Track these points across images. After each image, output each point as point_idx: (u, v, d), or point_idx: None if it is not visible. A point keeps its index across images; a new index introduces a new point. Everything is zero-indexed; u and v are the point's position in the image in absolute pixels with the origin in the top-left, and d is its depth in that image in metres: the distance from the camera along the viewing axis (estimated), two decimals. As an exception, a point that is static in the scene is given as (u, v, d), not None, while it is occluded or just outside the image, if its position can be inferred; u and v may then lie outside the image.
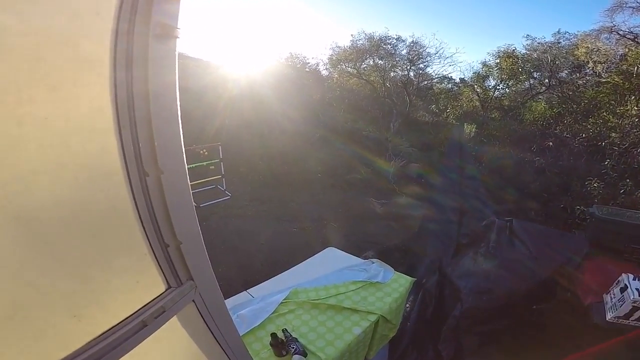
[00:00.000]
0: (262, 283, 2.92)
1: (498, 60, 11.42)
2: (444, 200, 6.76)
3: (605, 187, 6.70)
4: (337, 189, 7.95)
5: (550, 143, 8.33)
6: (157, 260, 0.73)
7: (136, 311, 0.71)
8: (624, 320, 3.30)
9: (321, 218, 6.51)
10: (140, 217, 0.67)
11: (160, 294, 0.75)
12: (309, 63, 15.04)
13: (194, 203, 0.80)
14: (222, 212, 6.56)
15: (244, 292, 2.80)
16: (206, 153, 7.35)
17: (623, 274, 3.41)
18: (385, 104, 12.99)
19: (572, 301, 4.09)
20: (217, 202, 6.90)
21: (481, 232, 5.16)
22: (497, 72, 11.62)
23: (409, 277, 3.26)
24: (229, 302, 2.66)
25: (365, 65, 13.80)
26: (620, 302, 3.25)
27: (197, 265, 0.84)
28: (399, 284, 3.11)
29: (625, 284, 3.26)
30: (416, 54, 12.43)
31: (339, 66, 14.20)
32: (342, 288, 2.89)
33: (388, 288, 3.02)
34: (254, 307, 2.52)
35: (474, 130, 10.56)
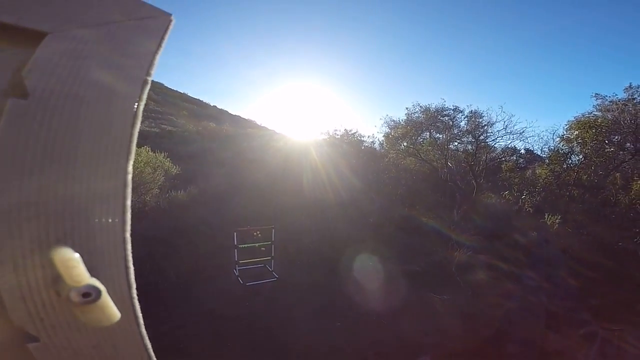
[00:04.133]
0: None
1: (577, 133, 10.18)
2: (521, 300, 5.58)
3: None
4: (392, 281, 7.18)
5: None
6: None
7: None
8: None
9: (371, 313, 5.77)
10: None
11: None
12: (364, 141, 15.11)
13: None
14: (266, 294, 6.28)
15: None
16: (259, 235, 7.50)
17: None
18: (446, 187, 12.23)
19: None
20: (264, 283, 6.71)
21: (577, 342, 4.01)
22: (578, 147, 10.27)
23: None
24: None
25: (421, 139, 13.23)
26: None
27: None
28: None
29: None
30: (478, 126, 11.71)
31: (395, 146, 13.77)
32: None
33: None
34: None
35: (557, 220, 9.04)
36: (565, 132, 10.79)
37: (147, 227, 7.61)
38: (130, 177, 0.45)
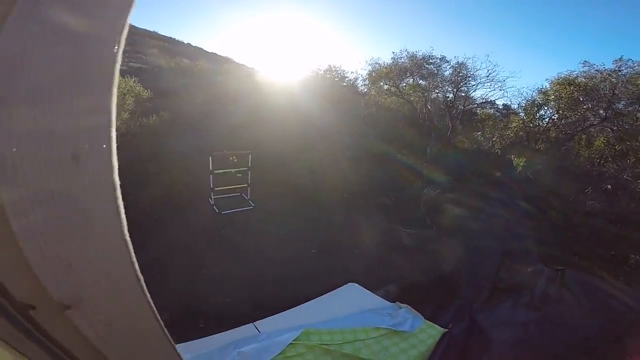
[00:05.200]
0: (272, 317, 2.60)
1: (556, 88, 10.53)
2: (481, 237, 6.16)
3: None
4: (364, 213, 7.52)
5: (609, 186, 7.45)
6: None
7: None
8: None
9: (343, 242, 6.12)
10: None
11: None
12: (347, 77, 14.87)
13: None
14: (242, 222, 6.37)
15: (251, 324, 2.49)
16: (235, 160, 7.28)
17: None
18: (423, 127, 12.48)
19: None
20: (239, 211, 6.75)
21: (525, 279, 4.56)
22: (554, 102, 10.69)
23: (440, 327, 2.82)
24: (233, 334, 2.36)
25: (404, 84, 13.41)
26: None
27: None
28: (427, 334, 2.68)
29: None
30: (462, 77, 11.82)
31: (378, 83, 13.86)
32: (361, 334, 2.50)
33: (415, 339, 2.60)
34: (258, 345, 2.20)
35: (522, 163, 9.69)
36: (543, 86, 11.23)
37: (118, 154, 7.03)
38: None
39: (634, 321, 3.95)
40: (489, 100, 12.62)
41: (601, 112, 10.04)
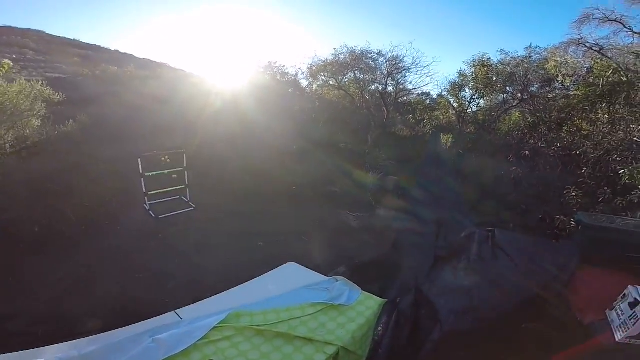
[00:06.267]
0: (199, 302, 2.41)
1: (473, 70, 11.49)
2: (422, 213, 6.46)
3: (583, 195, 6.54)
4: (312, 202, 7.53)
5: (527, 152, 8.24)
6: None
7: None
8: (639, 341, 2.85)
9: (292, 232, 6.04)
10: None
11: None
12: (287, 73, 14.84)
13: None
14: (182, 225, 5.99)
15: (172, 312, 2.27)
16: (169, 160, 6.81)
17: (630, 287, 2.95)
18: (363, 116, 12.88)
19: (567, 319, 3.67)
20: (179, 214, 6.33)
21: (461, 244, 4.79)
22: (472, 82, 11.67)
23: (378, 298, 2.83)
24: (149, 324, 2.13)
25: (346, 79, 13.85)
26: (633, 320, 2.80)
27: None
28: (366, 306, 2.67)
29: (635, 298, 2.83)
30: (394, 67, 12.42)
31: (319, 77, 14.06)
32: (297, 312, 2.41)
33: (352, 312, 2.57)
34: (177, 330, 2.00)
35: (450, 140, 10.46)
36: (462, 69, 12.31)
37: (32, 165, 6.33)
38: None
39: (569, 278, 4.12)
40: (423, 91, 13.49)
41: (519, 95, 11.18)
